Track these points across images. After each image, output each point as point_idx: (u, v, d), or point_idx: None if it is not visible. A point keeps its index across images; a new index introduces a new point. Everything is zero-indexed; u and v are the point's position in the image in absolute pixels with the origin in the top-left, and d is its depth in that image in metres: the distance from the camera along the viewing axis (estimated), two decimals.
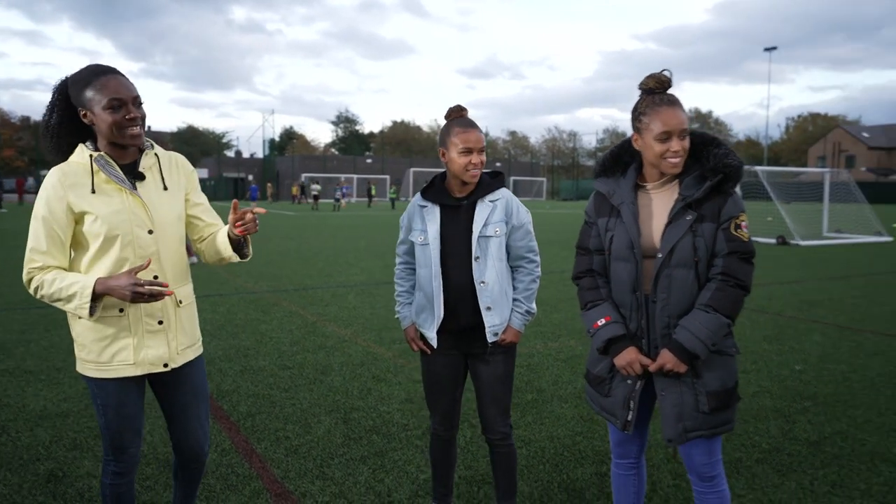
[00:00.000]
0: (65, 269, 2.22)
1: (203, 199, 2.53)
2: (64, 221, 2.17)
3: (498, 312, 2.73)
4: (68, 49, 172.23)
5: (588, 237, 2.52)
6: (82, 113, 2.19)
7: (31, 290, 2.20)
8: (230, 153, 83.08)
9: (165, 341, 2.33)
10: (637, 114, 2.33)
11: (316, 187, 41.10)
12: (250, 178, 59.37)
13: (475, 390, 2.91)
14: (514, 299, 2.79)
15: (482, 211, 2.73)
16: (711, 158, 2.27)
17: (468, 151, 2.67)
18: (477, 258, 2.71)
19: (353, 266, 12.33)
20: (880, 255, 14.95)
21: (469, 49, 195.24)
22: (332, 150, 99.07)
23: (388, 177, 58.23)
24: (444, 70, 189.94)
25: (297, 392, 4.91)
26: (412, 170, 61.50)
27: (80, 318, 2.23)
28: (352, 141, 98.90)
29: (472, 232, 2.72)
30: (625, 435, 2.55)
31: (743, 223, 2.27)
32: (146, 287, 2.12)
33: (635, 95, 2.38)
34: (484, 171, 2.82)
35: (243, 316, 7.60)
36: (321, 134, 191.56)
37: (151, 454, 3.78)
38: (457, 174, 2.72)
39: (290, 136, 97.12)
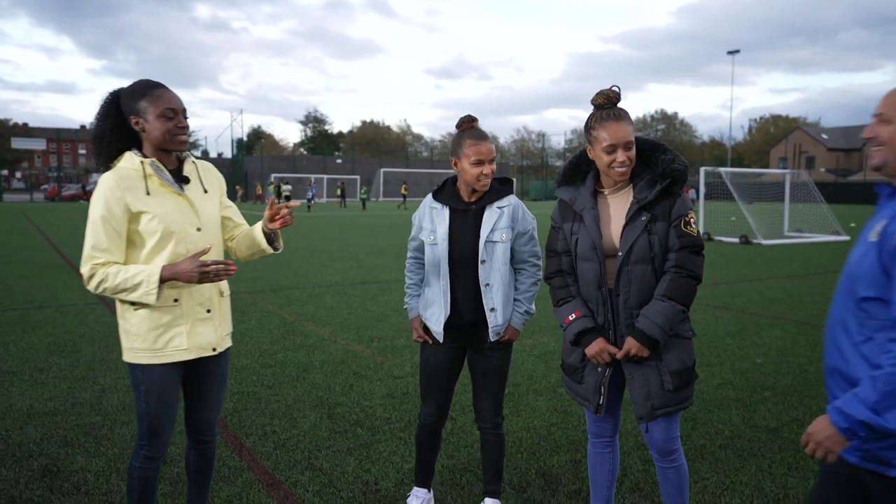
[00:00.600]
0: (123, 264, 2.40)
1: (230, 202, 2.80)
2: (122, 220, 2.37)
3: (501, 313, 2.92)
4: (26, 46, 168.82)
5: (556, 241, 2.75)
6: (134, 121, 2.43)
7: (94, 285, 2.36)
8: (197, 153, 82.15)
9: (213, 328, 2.58)
10: (588, 128, 2.58)
11: (287, 188, 41.07)
12: None
13: (472, 382, 3.10)
14: (516, 299, 2.99)
15: (490, 216, 2.92)
16: (660, 164, 2.52)
17: (480, 163, 2.86)
18: (483, 261, 2.90)
19: (327, 267, 12.44)
20: (838, 253, 15.53)
21: (436, 49, 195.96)
22: (301, 150, 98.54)
23: (358, 177, 58.13)
24: (412, 70, 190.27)
25: (280, 389, 5.05)
26: (382, 170, 61.48)
27: (135, 307, 2.42)
28: (321, 141, 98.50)
29: (479, 236, 2.90)
30: (601, 417, 2.77)
31: (691, 220, 2.52)
32: (212, 266, 2.36)
33: None
34: (496, 178, 3.02)
35: None
36: (290, 134, 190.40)
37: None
38: (469, 183, 2.91)
39: (258, 135, 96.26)
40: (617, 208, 2.60)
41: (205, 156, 73.10)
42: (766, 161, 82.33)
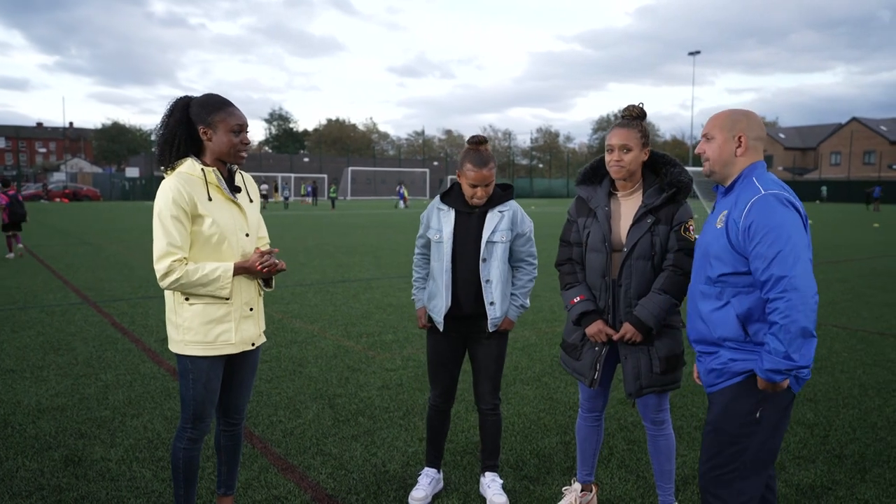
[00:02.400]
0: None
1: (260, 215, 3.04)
2: (188, 220, 2.61)
3: (499, 307, 3.23)
4: None
5: (570, 232, 3.11)
6: (203, 131, 2.67)
7: (170, 280, 2.57)
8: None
9: (255, 324, 2.83)
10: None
11: (265, 186, 41.38)
12: None
13: (472, 368, 3.40)
14: (513, 294, 3.31)
15: (492, 219, 3.23)
16: (668, 175, 2.89)
17: (474, 186, 3.18)
18: (484, 260, 3.21)
19: (305, 266, 12.61)
20: None
21: (398, 47, 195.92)
22: (266, 148, 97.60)
23: (325, 175, 57.96)
24: (375, 68, 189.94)
25: (279, 382, 5.27)
26: (350, 169, 61.46)
27: (189, 302, 2.65)
28: (286, 139, 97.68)
29: (481, 237, 3.22)
30: (592, 391, 3.11)
31: (691, 227, 2.87)
32: (272, 260, 2.71)
33: (565, 95, 3.14)
34: (498, 184, 3.34)
35: None
36: (254, 131, 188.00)
37: (157, 440, 4.10)
38: (466, 197, 3.23)
39: None
40: (627, 209, 2.96)
41: None
42: None
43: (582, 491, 3.26)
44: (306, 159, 65.01)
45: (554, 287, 9.52)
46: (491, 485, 3.38)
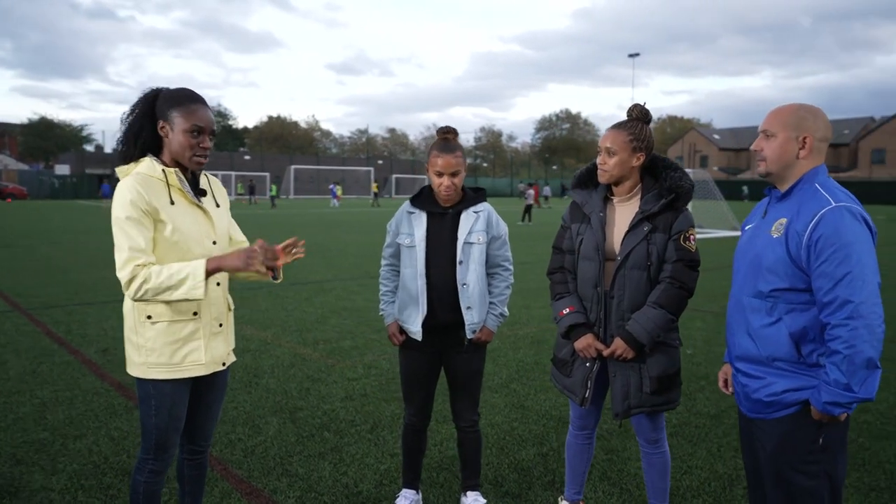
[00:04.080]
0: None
1: (231, 218, 2.77)
2: (150, 224, 2.32)
3: (477, 312, 3.03)
4: None
5: (563, 239, 2.93)
6: (161, 125, 2.39)
7: (135, 287, 2.27)
8: (90, 147, 77.58)
9: (225, 342, 2.58)
10: None
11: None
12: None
13: (449, 383, 3.20)
14: (491, 302, 3.12)
15: (467, 219, 3.03)
16: (668, 180, 2.72)
17: (439, 174, 2.97)
18: (461, 262, 3.00)
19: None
20: (733, 248, 16.61)
21: (337, 44, 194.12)
22: None
23: (268, 174, 56.71)
24: (314, 65, 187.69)
25: (235, 395, 4.96)
26: (293, 167, 60.32)
27: (151, 321, 2.37)
28: (225, 136, 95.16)
29: (457, 238, 3.01)
30: (586, 410, 2.94)
31: (691, 236, 2.71)
32: (262, 254, 2.37)
33: (505, 95, 2.97)
34: (470, 187, 3.14)
35: None
36: None
37: (104, 464, 3.76)
38: (435, 193, 3.02)
39: None
40: (623, 215, 2.78)
41: (99, 151, 69.25)
42: None
43: None
44: (247, 157, 63.46)
45: (516, 288, 9.41)
46: None
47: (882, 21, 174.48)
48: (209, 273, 2.33)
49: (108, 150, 66.93)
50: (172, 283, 2.28)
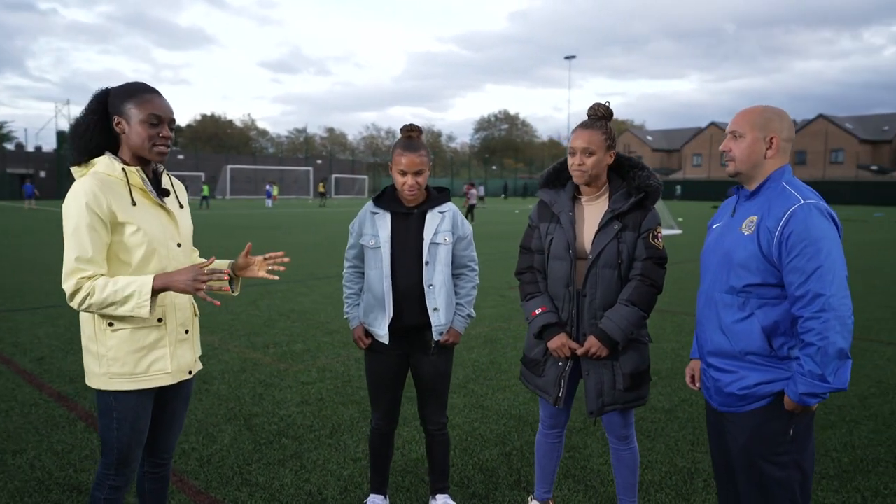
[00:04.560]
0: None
1: None
2: (106, 229, 2.19)
3: (444, 313, 2.99)
4: None
5: (531, 238, 2.91)
6: (116, 121, 2.27)
7: (78, 300, 2.15)
8: (10, 146, 73.68)
9: (191, 349, 2.46)
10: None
11: None
12: (42, 174, 53.24)
13: (416, 386, 3.15)
14: (458, 304, 3.08)
15: (432, 220, 2.98)
16: (636, 179, 2.75)
17: (403, 173, 2.92)
18: (427, 263, 2.95)
19: None
20: (674, 246, 17.12)
21: (271, 42, 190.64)
22: None
23: (203, 174, 55.19)
24: (247, 63, 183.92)
25: None
26: (229, 167, 58.90)
27: (113, 328, 2.24)
28: None
29: (422, 238, 2.96)
30: (557, 409, 2.94)
31: (658, 234, 2.75)
32: (210, 276, 2.20)
33: (443, 94, 2.98)
34: (434, 186, 3.09)
35: None
36: None
37: (49, 480, 3.56)
38: (399, 192, 2.97)
39: None
40: (592, 215, 2.79)
41: (20, 149, 65.89)
42: None
43: None
44: (181, 156, 61.51)
45: None
46: None
47: (800, 28, 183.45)
48: (156, 292, 2.20)
49: (30, 148, 63.76)
50: (117, 300, 2.16)
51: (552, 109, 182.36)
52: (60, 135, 63.44)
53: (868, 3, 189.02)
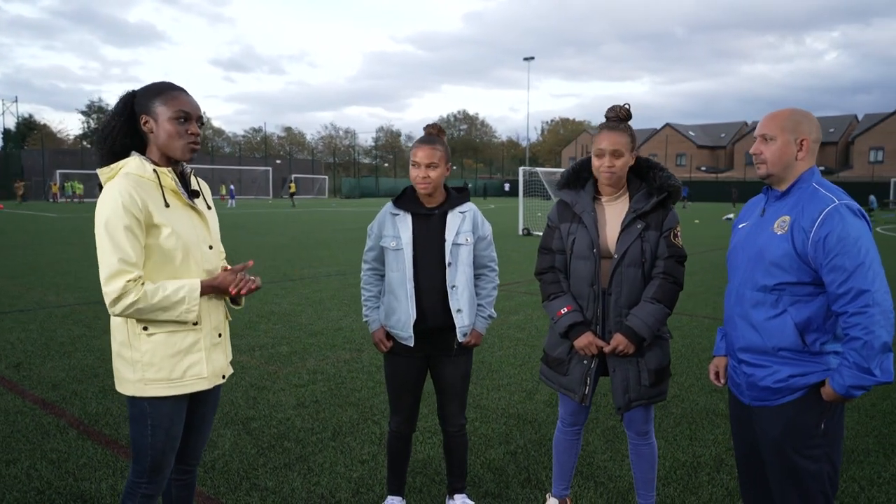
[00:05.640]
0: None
1: None
2: (142, 231, 2.15)
3: (467, 314, 3.00)
4: None
5: (551, 239, 2.94)
6: (143, 120, 2.24)
7: (124, 305, 2.10)
8: None
9: (224, 353, 2.43)
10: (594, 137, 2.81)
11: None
12: None
13: (437, 388, 3.15)
14: (479, 304, 3.09)
15: (453, 220, 2.99)
16: (657, 179, 2.80)
17: (416, 165, 2.93)
18: (450, 264, 2.96)
19: None
20: None
21: (223, 40, 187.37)
22: (85, 143, 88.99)
23: None
24: (198, 60, 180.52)
25: None
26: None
27: (148, 333, 2.20)
28: None
29: (444, 239, 2.97)
30: (579, 407, 2.99)
31: (679, 233, 2.81)
32: (248, 278, 2.31)
33: (400, 94, 3.04)
34: (453, 186, 3.09)
35: (66, 333, 6.88)
36: (70, 125, 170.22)
37: (50, 489, 3.45)
38: (416, 190, 2.99)
39: (29, 126, 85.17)
40: (613, 215, 2.84)
41: None
42: (558, 160, 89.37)
43: None
44: None
45: None
46: None
47: (747, 32, 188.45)
48: (203, 293, 2.25)
49: None
50: (167, 305, 2.16)
51: (509, 110, 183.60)
52: (7, 133, 61.24)
53: (809, 10, 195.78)
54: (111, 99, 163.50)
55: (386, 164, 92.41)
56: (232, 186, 45.20)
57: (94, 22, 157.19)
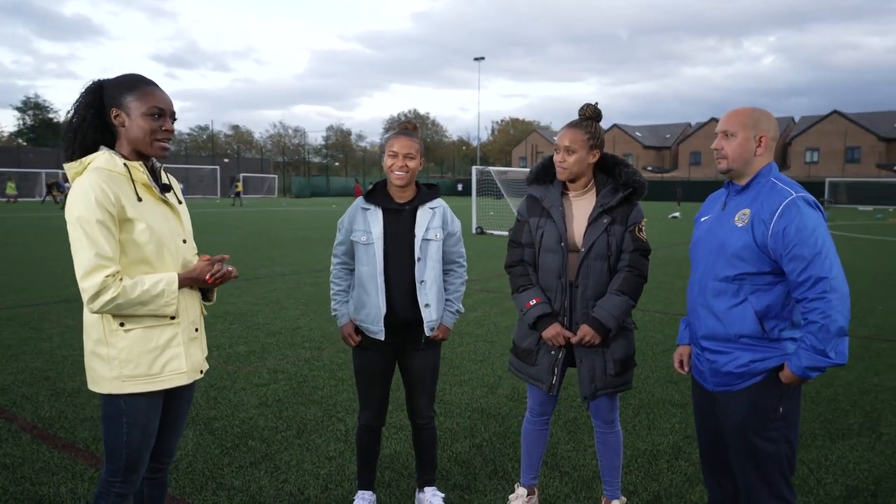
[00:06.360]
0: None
1: None
2: (116, 225, 2.11)
3: (435, 309, 3.04)
4: None
5: (520, 233, 3.01)
6: (115, 114, 2.19)
7: (103, 300, 2.06)
8: None
9: (200, 348, 2.40)
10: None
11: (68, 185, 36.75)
12: None
13: (406, 381, 3.18)
14: (447, 300, 3.13)
15: (423, 216, 3.02)
16: (623, 175, 2.89)
17: (394, 155, 2.96)
18: (419, 259, 2.99)
19: None
20: None
21: (164, 35, 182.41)
22: (19, 140, 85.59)
23: None
24: (138, 56, 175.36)
25: None
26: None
27: (125, 328, 2.16)
28: (44, 131, 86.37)
29: (414, 234, 3.00)
30: (547, 397, 3.06)
31: (643, 227, 2.91)
32: (224, 268, 2.31)
33: (349, 93, 3.13)
34: (423, 182, 3.12)
35: (11, 336, 6.63)
36: (4, 121, 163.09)
37: (5, 496, 3.34)
38: (387, 176, 3.00)
39: None
40: (580, 209, 2.92)
41: None
42: (508, 160, 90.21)
43: (527, 495, 3.21)
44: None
45: None
46: (433, 500, 3.21)
47: (687, 36, 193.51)
48: (181, 286, 2.25)
49: None
50: (146, 299, 2.15)
51: (458, 110, 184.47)
52: None
53: (747, 15, 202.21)
54: (49, 94, 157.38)
55: (337, 164, 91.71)
56: (182, 186, 44.17)
57: (26, 14, 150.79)
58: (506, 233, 19.92)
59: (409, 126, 3.08)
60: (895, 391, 5.11)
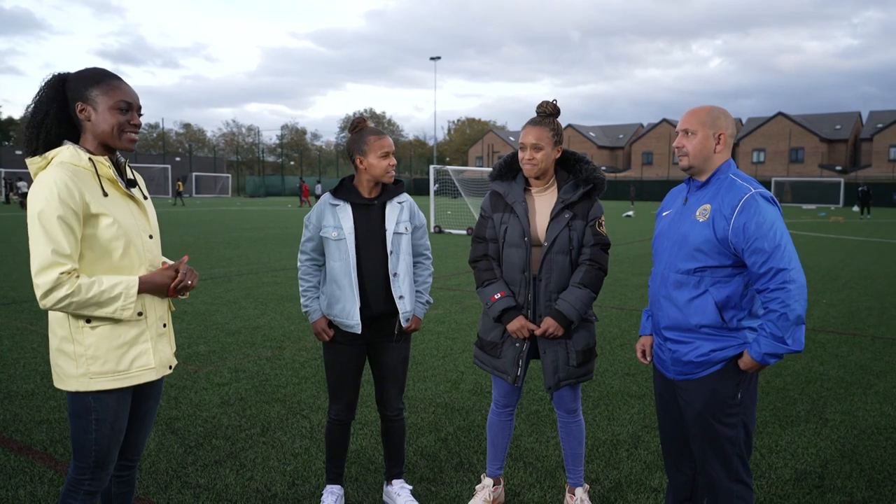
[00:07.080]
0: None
1: None
2: (79, 222, 2.08)
3: (408, 300, 3.09)
4: None
5: (484, 228, 3.08)
6: (80, 108, 2.16)
7: (56, 298, 2.02)
8: None
9: (168, 344, 2.39)
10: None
11: (22, 184, 35.61)
12: None
13: (377, 374, 3.22)
14: (417, 291, 3.18)
15: (393, 210, 3.07)
16: (584, 171, 2.98)
17: (387, 155, 3.00)
18: (391, 252, 3.04)
19: None
20: None
21: (109, 30, 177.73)
22: None
23: None
24: (83, 51, 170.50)
25: None
26: None
27: (91, 325, 2.14)
28: None
29: (385, 229, 3.04)
30: (511, 388, 3.13)
31: (602, 222, 3.00)
32: (186, 277, 2.28)
33: (303, 92, 3.19)
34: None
35: None
36: None
37: None
38: (377, 177, 3.03)
39: None
40: (542, 205, 2.99)
41: None
42: (465, 159, 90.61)
43: (493, 485, 3.28)
44: (19, 152, 56.07)
45: None
46: (401, 492, 3.25)
47: (638, 38, 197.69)
48: (141, 291, 2.21)
49: None
50: (102, 300, 2.11)
51: (414, 109, 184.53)
52: None
53: (694, 18, 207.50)
54: None
55: (292, 163, 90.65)
56: None
57: None
58: (464, 232, 20.05)
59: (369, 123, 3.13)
60: (839, 380, 5.35)
